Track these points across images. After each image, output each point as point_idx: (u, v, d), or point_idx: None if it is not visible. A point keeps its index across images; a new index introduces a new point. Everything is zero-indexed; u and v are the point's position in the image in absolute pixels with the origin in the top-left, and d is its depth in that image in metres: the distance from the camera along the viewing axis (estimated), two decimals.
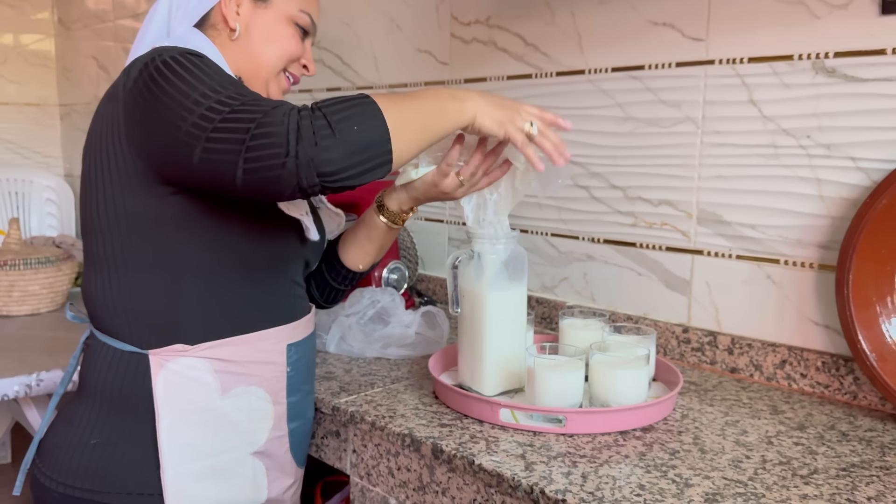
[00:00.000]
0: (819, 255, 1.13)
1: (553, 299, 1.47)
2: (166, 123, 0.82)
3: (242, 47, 1.00)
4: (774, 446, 0.92)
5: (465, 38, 1.58)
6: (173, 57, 0.86)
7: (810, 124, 1.11)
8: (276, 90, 1.03)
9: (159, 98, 0.83)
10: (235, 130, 0.78)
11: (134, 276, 0.90)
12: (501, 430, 0.96)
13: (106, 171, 0.89)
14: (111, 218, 0.90)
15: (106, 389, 0.92)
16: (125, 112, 0.87)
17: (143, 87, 0.85)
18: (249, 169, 0.77)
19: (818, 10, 1.09)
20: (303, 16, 1.03)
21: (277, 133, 0.76)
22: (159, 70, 0.84)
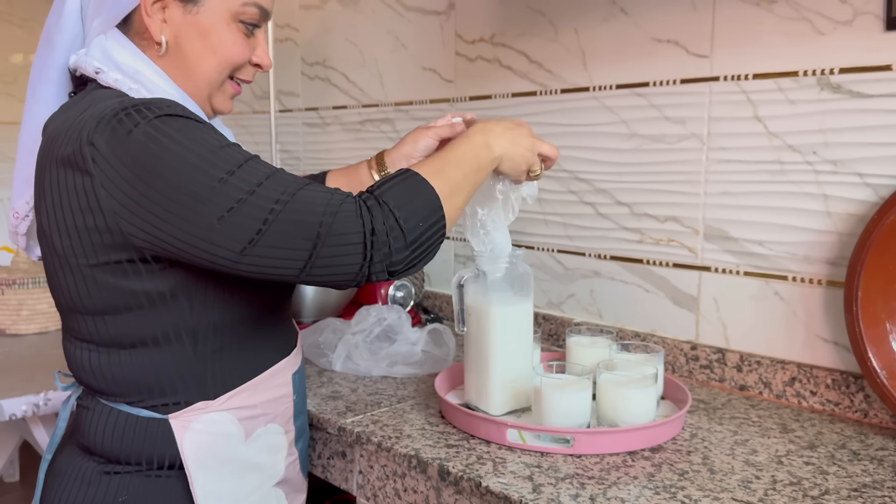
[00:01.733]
0: (827, 272, 1.12)
1: (560, 316, 1.46)
2: (191, 229, 0.73)
3: (175, 62, 0.85)
4: (785, 466, 0.91)
5: (470, 56, 1.59)
6: (157, 127, 0.73)
7: (816, 140, 1.11)
8: (222, 102, 0.91)
9: (168, 191, 0.73)
10: (298, 236, 0.73)
11: (140, 354, 0.83)
12: (509, 450, 0.95)
13: (83, 251, 0.79)
14: (107, 302, 0.80)
15: (123, 453, 0.85)
16: (107, 192, 0.75)
17: (134, 169, 0.73)
18: (317, 273, 0.75)
19: (822, 26, 1.09)
20: (248, 9, 0.86)
21: (353, 243, 0.74)
22: (149, 149, 0.73)
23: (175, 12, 0.84)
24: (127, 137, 0.74)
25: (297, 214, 0.74)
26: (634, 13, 1.30)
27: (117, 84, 0.83)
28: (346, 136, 1.93)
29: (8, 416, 1.32)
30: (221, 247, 0.74)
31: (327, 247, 0.74)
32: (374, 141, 1.85)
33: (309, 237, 0.73)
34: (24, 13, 3.03)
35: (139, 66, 0.84)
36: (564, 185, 1.44)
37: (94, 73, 0.83)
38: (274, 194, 0.74)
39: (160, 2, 0.84)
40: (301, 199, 0.74)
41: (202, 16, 0.85)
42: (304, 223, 0.73)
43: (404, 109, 1.76)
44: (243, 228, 0.73)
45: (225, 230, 0.73)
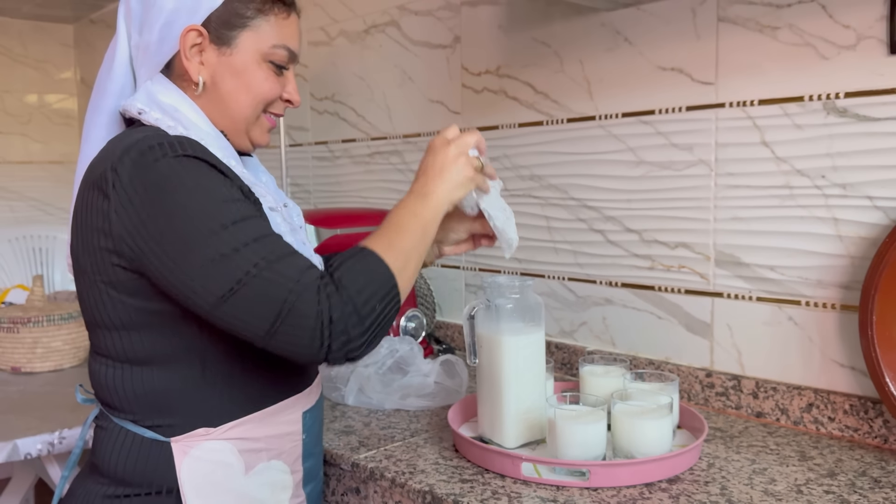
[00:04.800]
0: (841, 296, 1.11)
1: (572, 344, 1.46)
2: (177, 268, 0.78)
3: (212, 101, 0.91)
4: (804, 495, 0.90)
5: (476, 88, 1.61)
6: (173, 166, 0.78)
7: (824, 164, 1.11)
8: (259, 135, 0.96)
9: (167, 228, 0.78)
10: (264, 304, 0.76)
11: (151, 371, 0.86)
12: (524, 484, 0.94)
13: (98, 268, 0.83)
14: (121, 317, 0.85)
15: (126, 475, 0.87)
16: (118, 217, 0.80)
17: (145, 200, 0.78)
18: (277, 344, 0.78)
19: (826, 51, 1.10)
20: (278, 52, 0.93)
21: (310, 327, 0.76)
22: (161, 185, 0.78)
23: (211, 55, 0.90)
24: (146, 169, 0.79)
25: (268, 284, 0.77)
26: (638, 43, 1.32)
27: (157, 123, 0.88)
28: (355, 169, 1.95)
29: (23, 455, 1.32)
30: (199, 293, 0.78)
31: (286, 324, 0.76)
32: (384, 173, 1.86)
33: (273, 309, 0.76)
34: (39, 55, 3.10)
35: (179, 105, 0.90)
36: (573, 213, 1.44)
37: (136, 113, 0.89)
38: (255, 257, 0.77)
39: (197, 46, 0.90)
40: (276, 270, 0.77)
41: (235, 57, 0.91)
42: (272, 295, 0.77)
43: (413, 141, 1.77)
44: (221, 281, 0.77)
45: (205, 278, 0.77)
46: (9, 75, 3.02)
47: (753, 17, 1.17)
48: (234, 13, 0.90)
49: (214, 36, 0.90)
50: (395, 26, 1.79)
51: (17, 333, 1.73)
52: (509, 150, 1.55)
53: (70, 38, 3.18)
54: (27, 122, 3.06)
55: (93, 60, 3.11)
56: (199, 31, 0.89)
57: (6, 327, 1.73)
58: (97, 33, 3.07)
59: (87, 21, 3.10)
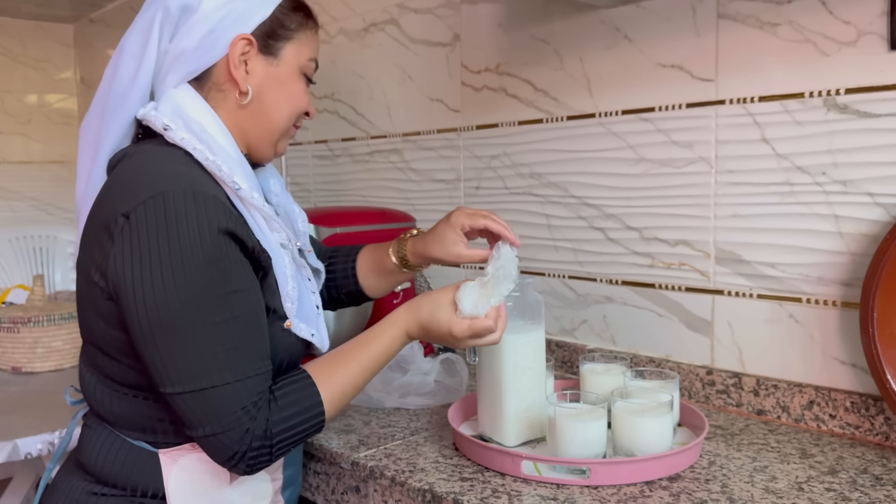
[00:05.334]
0: (841, 293, 1.11)
1: (573, 342, 1.46)
2: (149, 341, 0.79)
3: (253, 111, 0.91)
4: (805, 493, 0.90)
5: (476, 86, 1.60)
6: (189, 248, 0.78)
7: (825, 161, 1.11)
8: (283, 146, 0.98)
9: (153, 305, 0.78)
10: (200, 418, 0.80)
11: (138, 396, 0.87)
12: (524, 482, 0.94)
13: (94, 301, 0.84)
14: (109, 345, 0.85)
15: (112, 476, 0.88)
16: (113, 267, 0.80)
17: (142, 266, 0.78)
18: (197, 442, 0.83)
19: (826, 47, 1.10)
20: (311, 65, 0.96)
21: (227, 454, 0.81)
22: (168, 264, 0.77)
23: (258, 64, 0.90)
24: (160, 230, 0.78)
25: (213, 406, 0.80)
26: (638, 40, 1.31)
27: (183, 143, 0.86)
28: (355, 168, 1.95)
29: (23, 454, 1.32)
30: (158, 373, 0.80)
31: (209, 443, 0.81)
32: (383, 171, 1.86)
33: (205, 428, 0.80)
34: (39, 55, 3.10)
35: (206, 125, 0.87)
36: (573, 211, 1.44)
37: (162, 129, 0.86)
38: (221, 373, 0.79)
39: (244, 55, 0.89)
40: (226, 396, 0.80)
41: (281, 68, 0.92)
42: (210, 416, 0.80)
43: (412, 140, 1.77)
44: (180, 378, 0.79)
45: (167, 366, 0.79)
46: (9, 75, 3.02)
47: (753, 14, 1.16)
48: (281, 25, 0.91)
49: (262, 46, 0.90)
50: (395, 24, 1.79)
51: (17, 333, 1.73)
52: (509, 148, 1.54)
53: (70, 37, 3.18)
54: (27, 122, 3.06)
55: (93, 60, 3.11)
56: (250, 40, 0.89)
57: (6, 327, 1.73)
58: (97, 33, 3.07)
59: (87, 21, 3.09)
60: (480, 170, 1.61)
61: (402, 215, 1.73)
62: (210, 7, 0.87)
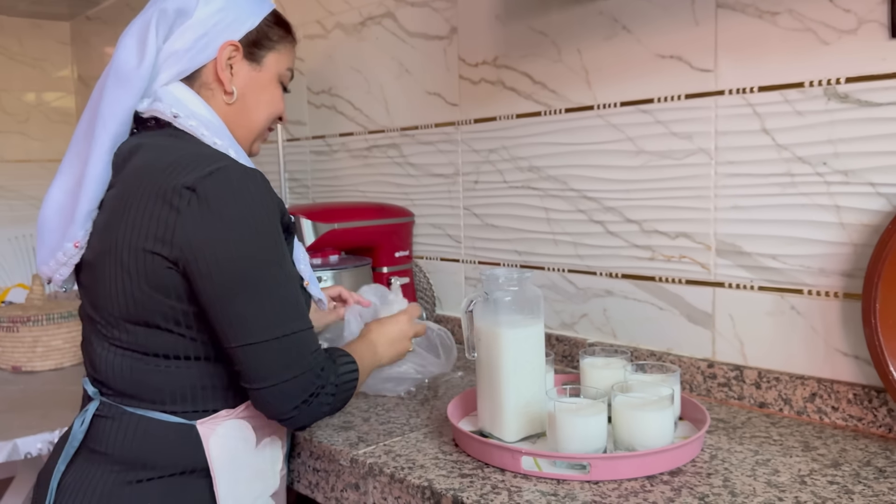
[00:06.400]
0: (843, 284, 1.10)
1: (573, 336, 1.45)
2: (224, 301, 0.86)
3: (237, 110, 1.01)
4: (808, 486, 0.89)
5: (474, 79, 1.59)
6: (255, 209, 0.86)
7: (826, 151, 1.10)
8: (258, 147, 1.08)
9: (227, 265, 0.85)
10: (282, 364, 0.88)
11: (177, 363, 0.92)
12: (524, 478, 0.93)
13: (150, 274, 0.88)
14: (159, 316, 0.90)
15: (150, 459, 0.92)
16: (183, 234, 0.86)
17: (214, 231, 0.85)
18: (262, 395, 0.89)
19: (827, 35, 1.08)
20: (288, 74, 1.06)
21: (298, 396, 0.90)
22: (239, 224, 0.85)
23: (242, 69, 1.01)
24: (229, 199, 0.86)
25: (294, 352, 0.89)
26: (636, 30, 1.30)
27: (192, 129, 0.95)
28: (353, 163, 1.94)
29: (23, 454, 1.32)
30: (231, 330, 0.87)
31: (286, 385, 0.89)
32: (382, 167, 1.85)
33: (284, 372, 0.88)
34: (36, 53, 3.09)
35: (209, 116, 0.97)
36: (573, 205, 1.43)
37: (172, 117, 0.95)
38: (294, 322, 0.89)
39: (231, 59, 0.99)
40: (302, 340, 0.90)
41: (263, 74, 1.03)
42: (295, 360, 0.89)
43: (410, 134, 1.76)
44: (256, 331, 0.87)
45: (243, 321, 0.87)
46: (6, 74, 3.01)
47: (753, 3, 1.15)
48: (265, 35, 1.02)
49: (247, 52, 1.01)
50: (392, 18, 1.77)
51: (16, 332, 1.72)
52: (507, 142, 1.53)
53: (67, 35, 3.17)
54: (25, 121, 3.05)
55: (90, 58, 3.10)
56: (237, 46, 0.99)
57: (6, 326, 1.73)
58: (94, 30, 3.05)
59: (84, 18, 3.08)
60: (479, 164, 1.60)
61: (401, 210, 1.72)
62: (204, 13, 0.96)
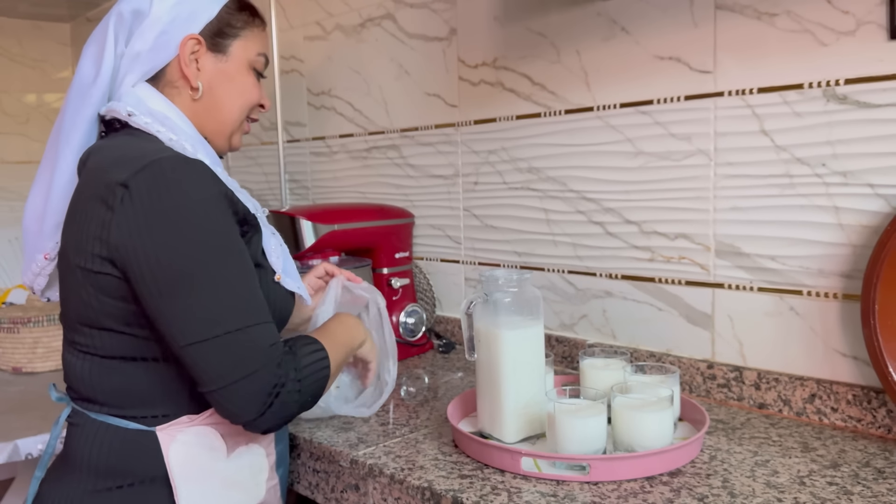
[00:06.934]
0: (842, 285, 1.10)
1: (573, 337, 1.45)
2: (164, 302, 0.82)
3: (205, 106, 0.97)
4: (807, 487, 0.89)
5: (473, 81, 1.59)
6: (191, 204, 0.82)
7: (825, 152, 1.10)
8: (238, 139, 1.03)
9: (164, 264, 0.81)
10: (230, 362, 0.82)
11: (136, 366, 0.88)
12: (524, 479, 0.94)
13: (94, 275, 0.85)
14: (108, 317, 0.87)
15: (109, 468, 0.89)
16: (118, 233, 0.82)
17: (148, 229, 0.81)
18: (221, 397, 0.83)
19: (825, 37, 1.08)
20: (260, 59, 1.02)
21: (263, 392, 0.83)
22: (174, 220, 0.81)
23: (207, 61, 0.97)
24: (161, 193, 0.82)
25: (244, 349, 0.83)
26: (635, 32, 1.30)
27: (146, 126, 0.92)
28: (353, 164, 1.94)
29: (24, 455, 1.32)
30: (176, 330, 0.82)
31: (241, 387, 0.82)
32: (381, 168, 1.85)
33: (238, 370, 0.82)
34: (36, 55, 3.09)
35: (168, 113, 0.94)
36: (572, 206, 1.43)
37: (126, 115, 0.92)
38: (241, 317, 0.83)
39: (194, 54, 0.96)
40: (252, 334, 0.84)
41: (229, 64, 0.99)
42: (242, 356, 0.82)
43: (410, 135, 1.76)
44: (201, 329, 0.82)
45: (187, 320, 0.82)
46: (6, 75, 3.01)
47: (751, 4, 1.15)
48: (227, 24, 0.98)
49: (210, 44, 0.97)
50: (391, 19, 1.78)
51: (17, 334, 1.73)
52: (507, 143, 1.54)
53: (67, 36, 3.17)
54: (25, 122, 3.05)
55: None
56: (198, 39, 0.96)
57: (6, 328, 1.73)
58: None
59: (84, 19, 3.08)
60: (478, 165, 1.60)
61: (401, 211, 1.72)
62: (160, 11, 0.93)
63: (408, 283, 1.66)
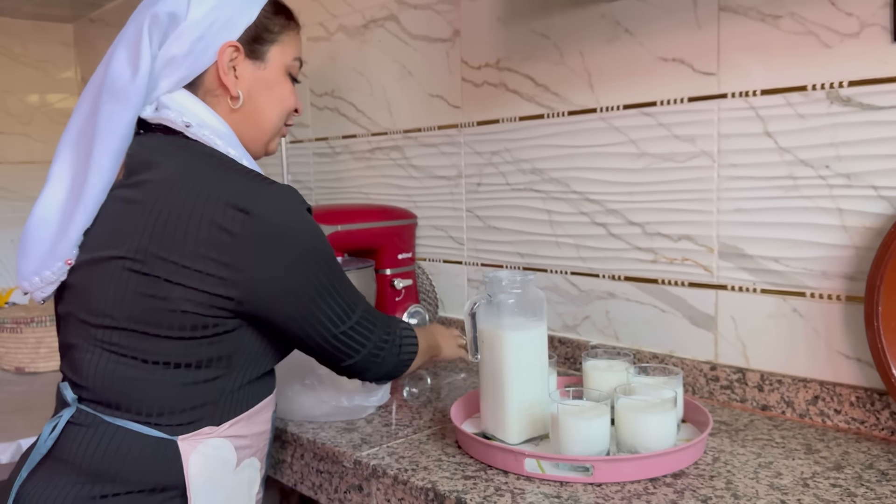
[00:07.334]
0: (846, 287, 1.10)
1: (576, 339, 1.45)
2: (314, 310, 0.90)
3: (245, 114, 0.96)
4: (811, 489, 0.89)
5: (476, 82, 1.59)
6: (312, 229, 0.89)
7: (828, 154, 1.10)
8: (275, 145, 1.04)
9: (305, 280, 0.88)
10: (374, 335, 0.99)
11: (175, 373, 0.86)
12: (527, 480, 0.94)
13: (195, 289, 0.84)
14: (173, 325, 0.84)
15: (121, 473, 0.86)
16: (242, 259, 0.83)
17: (279, 254, 0.85)
18: (360, 363, 1.00)
19: (829, 39, 1.09)
20: (296, 64, 1.01)
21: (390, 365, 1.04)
22: (304, 246, 0.88)
23: (246, 69, 0.95)
24: (286, 220, 0.86)
25: (372, 328, 1.00)
26: (639, 33, 1.30)
27: (205, 139, 0.91)
28: (356, 165, 1.94)
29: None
30: (328, 323, 0.94)
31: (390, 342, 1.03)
32: (384, 168, 1.85)
33: (388, 327, 1.03)
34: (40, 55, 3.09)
35: (218, 126, 0.93)
36: (575, 207, 1.43)
37: (184, 126, 0.91)
38: (362, 299, 0.98)
39: (233, 61, 0.94)
40: (374, 310, 1.01)
41: (269, 71, 0.97)
42: (383, 316, 1.03)
43: (413, 136, 1.76)
44: (354, 309, 0.96)
45: (336, 313, 0.94)
46: (9, 75, 3.01)
47: (755, 6, 1.15)
48: (265, 29, 0.96)
49: (248, 50, 0.95)
50: (394, 20, 1.78)
51: (20, 334, 1.73)
52: (510, 144, 1.54)
53: (70, 37, 3.18)
54: (28, 123, 3.05)
55: (93, 59, 3.10)
56: (237, 46, 0.93)
57: (9, 327, 1.73)
58: (97, 32, 3.06)
59: (87, 20, 3.09)
60: (482, 166, 1.61)
61: (404, 212, 1.72)
62: (197, 15, 0.90)
63: (410, 284, 1.66)
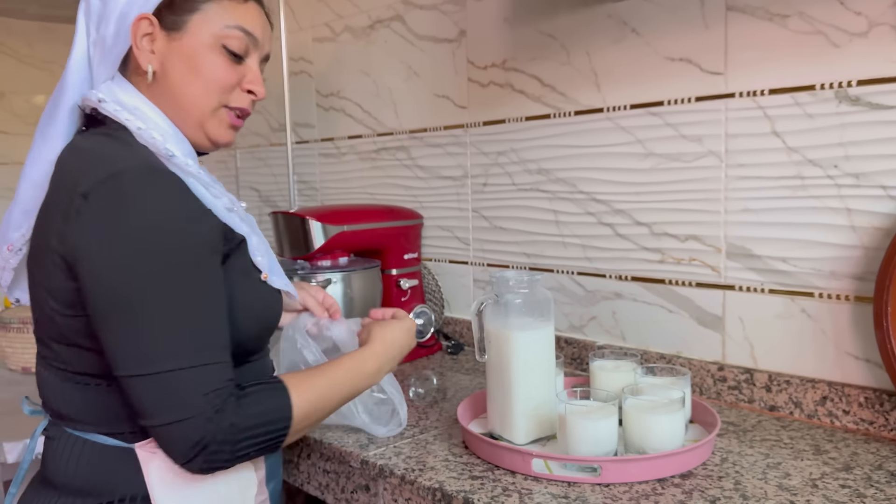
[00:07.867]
0: (854, 287, 1.10)
1: (582, 339, 1.45)
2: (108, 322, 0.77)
3: (162, 91, 0.88)
4: (819, 490, 0.89)
5: (483, 82, 1.59)
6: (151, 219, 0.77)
7: (837, 154, 1.09)
8: (217, 131, 0.91)
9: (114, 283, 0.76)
10: (159, 404, 0.77)
11: (105, 382, 0.83)
12: (535, 480, 0.93)
13: (56, 289, 0.81)
14: (76, 325, 0.81)
15: (88, 484, 0.84)
16: (76, 244, 0.77)
17: (103, 245, 0.76)
18: (153, 434, 0.80)
19: (837, 38, 1.08)
20: (232, 33, 0.88)
21: (187, 445, 0.77)
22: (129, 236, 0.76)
23: (161, 42, 0.87)
24: (118, 209, 0.77)
25: (176, 393, 0.76)
26: (646, 33, 1.30)
27: (116, 114, 0.85)
28: (361, 165, 1.94)
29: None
30: (114, 355, 0.78)
31: (167, 432, 0.77)
32: (390, 169, 1.85)
33: (164, 415, 0.77)
34: (46, 56, 3.10)
35: (138, 104, 0.87)
36: (582, 207, 1.43)
37: (97, 101, 0.86)
38: (180, 356, 0.76)
39: (148, 35, 0.87)
40: (187, 379, 0.77)
41: (185, 41, 0.87)
42: (178, 402, 0.76)
43: (419, 137, 1.76)
44: (138, 360, 0.76)
45: (126, 348, 0.77)
46: (15, 76, 3.02)
47: (763, 6, 1.15)
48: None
49: (165, 23, 0.87)
50: (400, 21, 1.78)
51: (27, 333, 1.73)
52: (516, 144, 1.53)
53: None
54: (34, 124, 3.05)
55: None
56: (150, 19, 0.86)
57: (16, 327, 1.73)
58: None
59: None
60: (488, 166, 1.60)
61: (410, 213, 1.72)
62: None
63: (416, 285, 1.66)
